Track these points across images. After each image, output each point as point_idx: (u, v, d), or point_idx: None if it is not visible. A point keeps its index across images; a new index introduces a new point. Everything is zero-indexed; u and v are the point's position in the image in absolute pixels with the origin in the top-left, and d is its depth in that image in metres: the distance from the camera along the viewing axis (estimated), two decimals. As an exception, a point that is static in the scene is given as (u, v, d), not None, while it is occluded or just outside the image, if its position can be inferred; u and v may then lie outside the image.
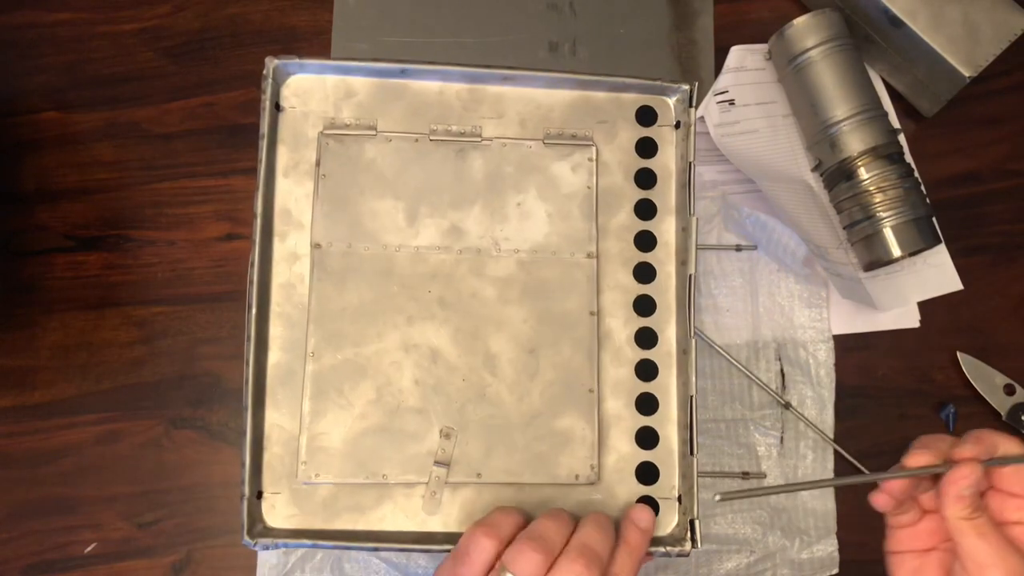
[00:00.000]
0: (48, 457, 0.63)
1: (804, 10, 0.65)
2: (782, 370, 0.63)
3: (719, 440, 0.62)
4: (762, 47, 0.66)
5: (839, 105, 0.61)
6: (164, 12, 0.68)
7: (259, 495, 0.46)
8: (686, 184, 0.49)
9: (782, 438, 0.63)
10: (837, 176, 0.62)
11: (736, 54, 0.66)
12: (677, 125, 0.51)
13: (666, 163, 0.51)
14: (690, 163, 0.49)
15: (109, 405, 0.63)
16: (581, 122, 0.51)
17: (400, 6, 0.67)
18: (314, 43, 0.67)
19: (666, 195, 0.51)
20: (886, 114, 0.62)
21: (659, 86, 0.51)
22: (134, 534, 0.62)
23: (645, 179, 0.51)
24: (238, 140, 0.66)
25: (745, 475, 0.62)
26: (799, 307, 0.64)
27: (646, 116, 0.51)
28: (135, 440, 0.63)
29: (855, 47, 0.62)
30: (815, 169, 0.64)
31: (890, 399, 0.65)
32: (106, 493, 0.62)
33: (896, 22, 0.62)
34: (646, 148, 0.51)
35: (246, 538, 0.44)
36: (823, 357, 0.64)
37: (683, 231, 0.49)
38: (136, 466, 0.63)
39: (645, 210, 0.51)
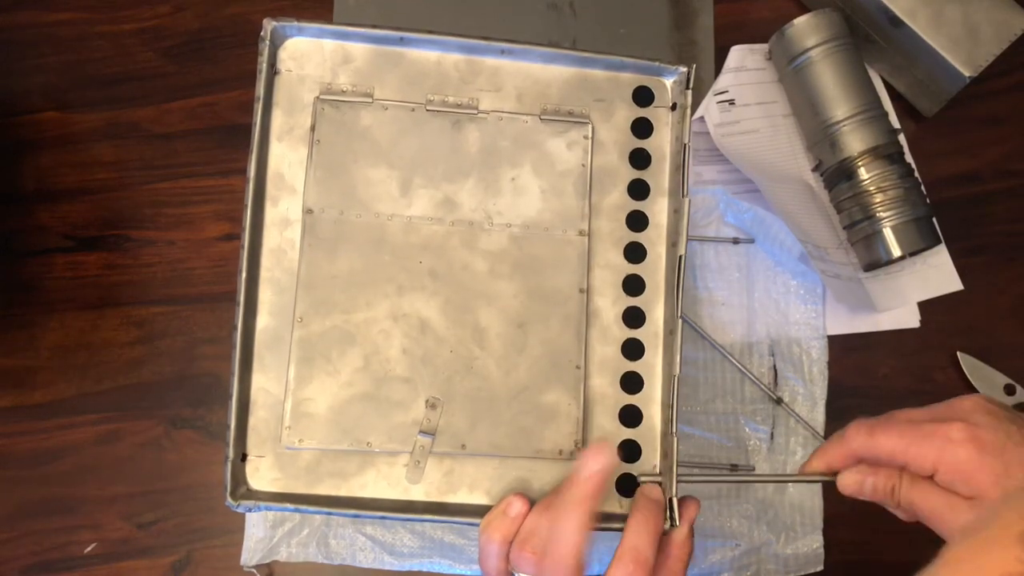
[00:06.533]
0: (48, 457, 0.63)
1: (804, 10, 0.65)
2: (775, 366, 0.64)
3: (709, 432, 0.63)
4: (762, 47, 0.66)
5: (839, 105, 0.61)
6: (164, 12, 0.68)
7: (243, 458, 0.46)
8: (680, 166, 0.49)
9: (772, 433, 0.63)
10: (837, 176, 0.62)
11: (736, 54, 0.66)
12: (673, 107, 0.51)
13: (661, 144, 0.51)
14: (685, 145, 0.49)
15: (109, 405, 0.63)
16: (578, 99, 0.51)
17: (400, 6, 0.67)
18: (314, 43, 0.67)
19: (660, 176, 0.51)
20: (886, 114, 0.62)
21: (656, 67, 0.51)
22: (134, 534, 0.62)
23: (639, 159, 0.51)
24: (238, 140, 0.66)
25: (734, 467, 0.62)
26: (794, 303, 0.64)
27: (643, 96, 0.52)
28: (135, 440, 0.63)
29: (855, 47, 0.62)
30: (815, 169, 0.64)
31: (890, 399, 0.65)
32: (106, 493, 0.62)
33: (896, 22, 0.62)
34: (642, 128, 0.51)
35: (228, 499, 0.44)
36: (816, 355, 0.64)
37: (675, 213, 0.50)
38: (136, 466, 0.63)
39: (638, 190, 0.51)
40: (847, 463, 0.44)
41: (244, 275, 0.46)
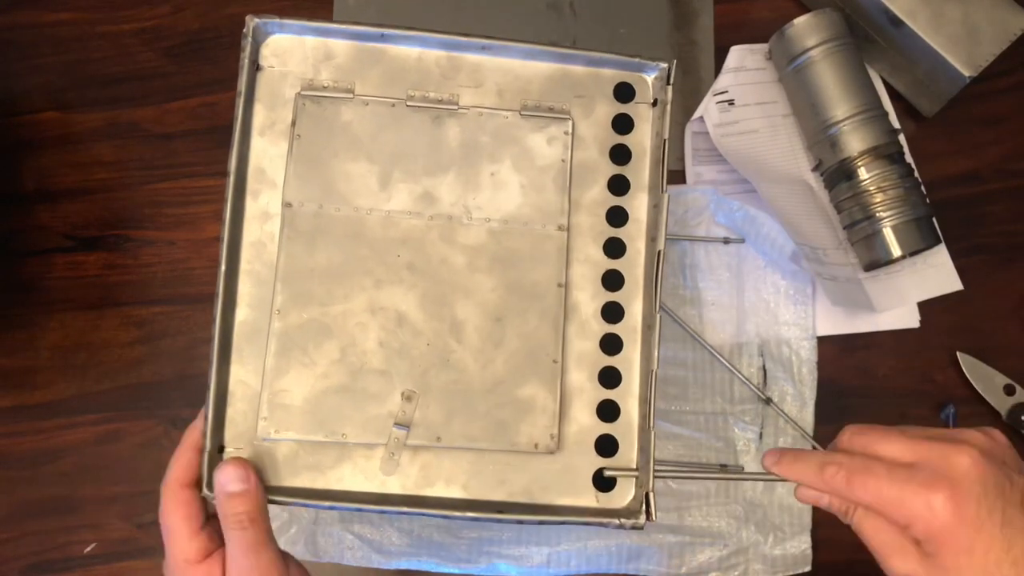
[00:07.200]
0: (48, 457, 0.63)
1: (804, 10, 0.65)
2: (764, 366, 0.64)
3: (698, 432, 0.63)
4: (762, 47, 0.66)
5: (839, 105, 0.61)
6: (164, 12, 0.68)
7: (220, 449, 0.46)
8: (660, 161, 0.49)
9: (761, 433, 0.63)
10: (837, 176, 0.62)
11: (736, 54, 0.66)
12: (654, 103, 0.51)
13: (641, 140, 0.51)
14: (664, 140, 0.49)
15: (109, 405, 0.63)
16: (559, 95, 0.51)
17: (399, 6, 0.67)
18: (314, 43, 0.67)
19: (640, 172, 0.51)
20: (886, 114, 0.62)
21: (637, 63, 0.51)
22: (134, 534, 0.62)
23: (620, 155, 0.51)
24: (238, 140, 0.66)
25: (723, 467, 0.62)
26: (784, 304, 0.64)
27: (624, 92, 0.52)
28: (135, 440, 0.63)
29: (855, 47, 0.62)
30: (815, 169, 0.64)
31: (890, 399, 0.65)
32: (106, 493, 0.62)
33: (896, 22, 0.62)
34: (622, 124, 0.51)
35: (205, 491, 0.44)
36: (806, 355, 0.64)
37: (655, 208, 0.50)
38: (136, 466, 0.63)
39: (618, 186, 0.51)
40: (823, 494, 0.43)
41: (224, 267, 0.47)
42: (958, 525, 0.39)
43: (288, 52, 0.50)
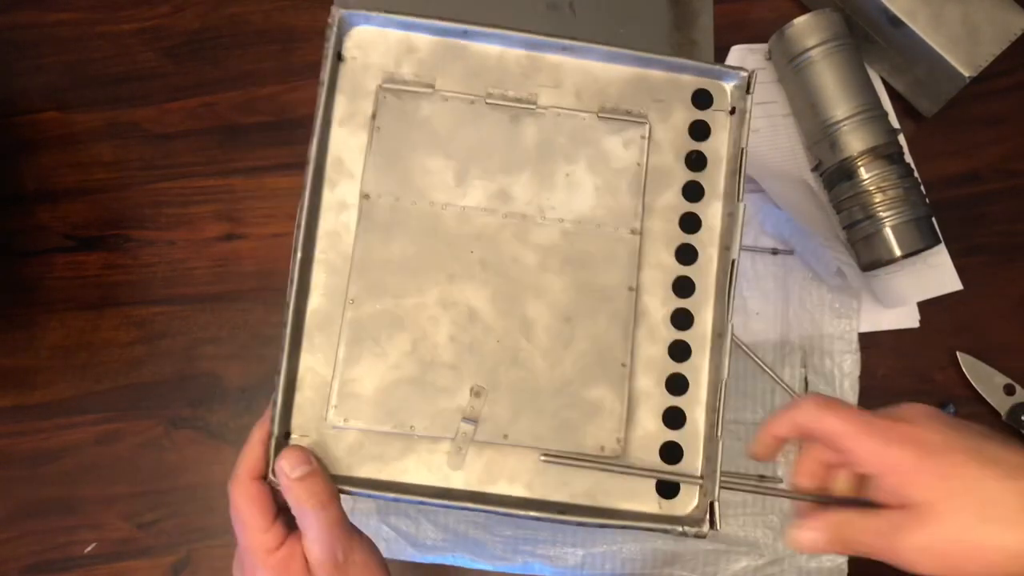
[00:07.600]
0: (48, 457, 0.63)
1: (804, 10, 0.65)
2: (806, 378, 0.63)
3: (738, 442, 0.62)
4: (762, 47, 0.66)
5: (839, 105, 0.61)
6: (164, 12, 0.68)
7: (287, 436, 0.46)
8: (736, 170, 0.50)
9: (801, 444, 0.63)
10: (837, 176, 0.62)
11: (736, 54, 0.66)
12: (732, 111, 0.51)
13: (718, 148, 0.51)
14: (742, 149, 0.50)
15: (109, 405, 0.63)
16: (637, 99, 0.51)
17: (400, 7, 0.67)
18: (314, 43, 0.67)
19: (715, 179, 0.51)
20: (886, 114, 0.62)
21: (717, 70, 0.51)
22: (134, 534, 0.62)
23: (696, 161, 0.51)
24: (238, 140, 0.66)
25: (761, 478, 0.61)
26: (829, 317, 0.64)
27: (702, 99, 0.52)
28: (135, 440, 0.63)
29: (855, 47, 0.62)
30: (815, 169, 0.64)
31: (890, 399, 0.64)
32: (106, 493, 0.62)
33: (896, 22, 0.62)
34: (699, 131, 0.52)
35: (271, 477, 0.44)
36: (848, 368, 0.63)
37: (729, 216, 0.50)
38: (136, 466, 0.63)
39: (693, 192, 0.51)
40: (791, 433, 0.44)
41: (299, 255, 0.47)
42: (922, 454, 0.39)
43: (371, 44, 0.50)
